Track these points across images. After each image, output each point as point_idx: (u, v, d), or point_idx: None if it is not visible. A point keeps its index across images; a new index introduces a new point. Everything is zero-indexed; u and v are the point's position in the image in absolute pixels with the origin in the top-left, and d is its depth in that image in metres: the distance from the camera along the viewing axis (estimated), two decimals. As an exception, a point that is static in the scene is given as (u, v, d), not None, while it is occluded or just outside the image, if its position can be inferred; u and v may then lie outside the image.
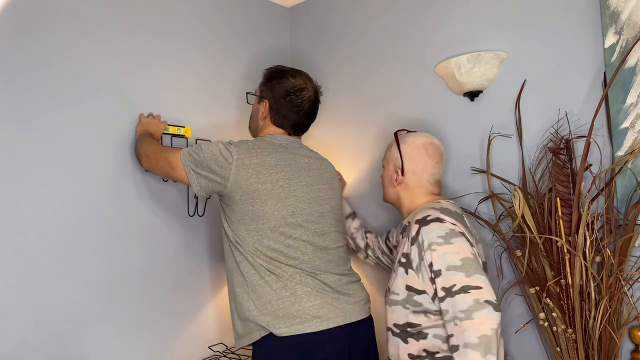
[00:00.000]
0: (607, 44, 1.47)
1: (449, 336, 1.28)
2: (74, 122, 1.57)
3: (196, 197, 1.86)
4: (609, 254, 1.37)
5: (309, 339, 1.40)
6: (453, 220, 1.35)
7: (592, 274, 1.37)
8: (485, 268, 1.43)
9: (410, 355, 1.36)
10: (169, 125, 1.78)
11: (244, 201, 1.45)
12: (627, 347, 1.43)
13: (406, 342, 1.37)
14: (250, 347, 1.49)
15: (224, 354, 1.84)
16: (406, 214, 1.54)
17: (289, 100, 1.56)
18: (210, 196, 1.55)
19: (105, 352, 1.58)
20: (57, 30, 1.55)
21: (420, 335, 1.35)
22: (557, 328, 1.43)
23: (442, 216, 1.35)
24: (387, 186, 1.59)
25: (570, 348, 1.41)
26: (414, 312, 1.35)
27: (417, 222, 1.37)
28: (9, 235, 1.41)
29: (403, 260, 1.40)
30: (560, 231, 1.42)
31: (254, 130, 1.68)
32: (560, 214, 1.42)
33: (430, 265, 1.31)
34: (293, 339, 1.39)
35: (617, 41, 1.45)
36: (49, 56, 1.52)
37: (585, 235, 1.38)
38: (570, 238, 1.41)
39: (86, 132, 1.59)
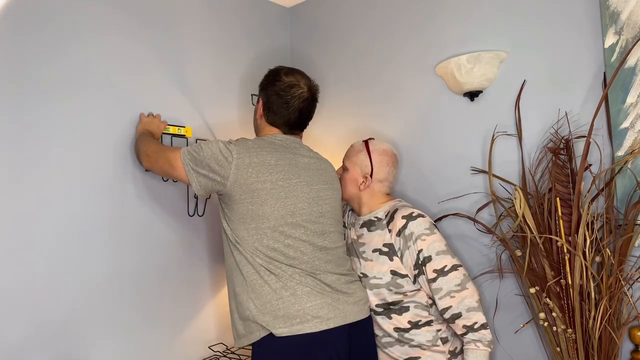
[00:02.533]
0: (607, 44, 1.47)
1: (446, 308, 1.48)
2: (74, 122, 1.57)
3: (196, 197, 1.86)
4: (609, 254, 1.37)
5: (309, 339, 1.40)
6: (428, 217, 1.58)
7: (592, 273, 1.37)
8: None
9: (396, 328, 1.55)
10: (169, 125, 1.78)
11: (243, 200, 1.45)
12: (627, 347, 1.43)
13: (390, 317, 1.56)
14: (250, 347, 1.49)
15: (224, 354, 1.84)
16: (366, 211, 1.67)
17: (279, 97, 1.57)
18: (210, 196, 1.55)
19: (105, 352, 1.58)
20: (56, 30, 1.55)
21: (402, 309, 1.54)
22: (557, 328, 1.43)
23: (422, 213, 1.58)
24: (348, 186, 1.69)
25: (570, 348, 1.41)
26: (395, 292, 1.55)
27: (404, 217, 1.56)
28: (8, 236, 1.41)
29: (385, 249, 1.57)
30: (560, 231, 1.42)
31: (256, 130, 1.69)
32: (560, 214, 1.42)
33: (419, 252, 1.51)
34: (293, 339, 1.39)
35: (617, 41, 1.45)
36: (48, 56, 1.52)
37: (585, 235, 1.38)
38: (570, 238, 1.41)
39: (86, 132, 1.59)
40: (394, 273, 1.55)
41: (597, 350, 1.37)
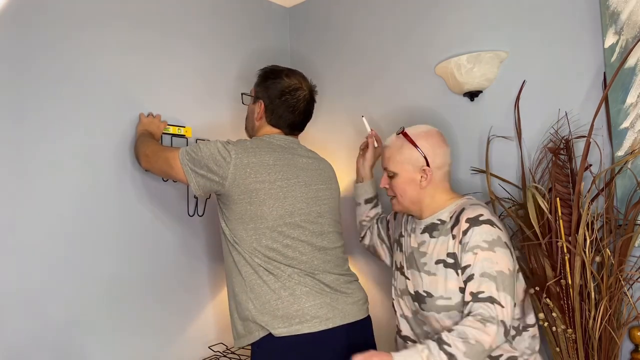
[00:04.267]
0: (607, 44, 1.47)
1: (455, 323, 1.27)
2: (74, 122, 1.57)
3: (196, 197, 1.86)
4: (609, 254, 1.37)
5: (307, 339, 1.40)
6: (500, 225, 1.32)
7: (592, 274, 1.37)
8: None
9: None
10: (169, 125, 1.78)
11: (242, 201, 1.45)
12: (627, 347, 1.43)
13: None
14: (250, 347, 1.49)
15: (224, 354, 1.84)
16: (428, 213, 1.43)
17: (284, 100, 1.56)
18: (210, 196, 1.55)
19: (106, 352, 1.58)
20: (56, 30, 1.55)
21: None
22: (557, 328, 1.43)
23: (492, 219, 1.31)
24: (407, 191, 1.43)
25: (570, 348, 1.41)
26: None
27: (468, 220, 1.31)
28: (8, 236, 1.41)
29: (450, 260, 1.33)
30: (560, 231, 1.42)
31: (250, 131, 1.68)
32: (560, 214, 1.42)
33: (465, 267, 1.29)
34: (292, 339, 1.39)
35: (617, 41, 1.45)
36: (48, 56, 1.52)
37: (585, 235, 1.37)
38: (570, 238, 1.41)
39: (86, 132, 1.59)
40: (462, 291, 1.31)
41: (597, 350, 1.37)
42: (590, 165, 1.49)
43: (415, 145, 1.42)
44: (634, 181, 1.42)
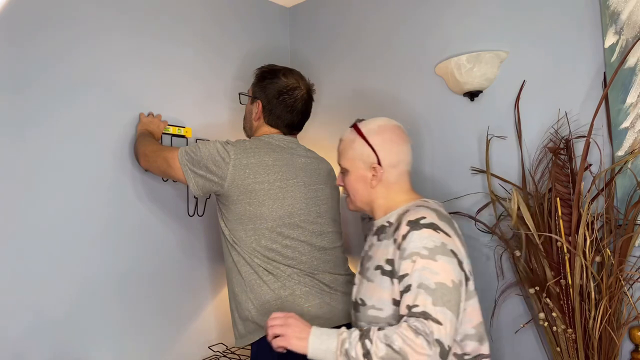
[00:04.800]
0: (607, 44, 1.47)
1: (378, 329, 1.07)
2: (74, 122, 1.57)
3: (196, 197, 1.86)
4: (609, 254, 1.37)
5: (308, 338, 1.40)
6: (448, 230, 1.16)
7: (592, 274, 1.37)
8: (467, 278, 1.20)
9: None
10: (169, 125, 1.78)
11: (241, 201, 1.45)
12: (627, 347, 1.43)
13: None
14: (250, 347, 1.49)
15: (224, 354, 1.84)
16: (380, 214, 1.30)
17: (282, 100, 1.56)
18: (210, 196, 1.55)
19: (106, 352, 1.58)
20: (56, 32, 1.55)
21: None
22: (557, 328, 1.43)
23: (438, 222, 1.15)
24: (358, 190, 1.30)
25: (570, 348, 1.41)
26: None
27: (409, 223, 1.15)
28: (8, 236, 1.41)
29: (387, 267, 1.18)
30: (560, 231, 1.42)
31: (249, 131, 1.68)
32: (560, 214, 1.42)
33: (402, 277, 1.11)
34: (292, 338, 1.39)
35: (617, 41, 1.45)
36: (48, 57, 1.52)
37: (585, 235, 1.37)
38: (570, 238, 1.41)
39: (86, 132, 1.59)
40: (395, 303, 1.15)
41: (597, 350, 1.37)
42: (590, 165, 1.49)
43: (367, 141, 1.28)
44: (634, 181, 1.41)
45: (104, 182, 1.62)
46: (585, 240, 1.38)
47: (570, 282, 1.39)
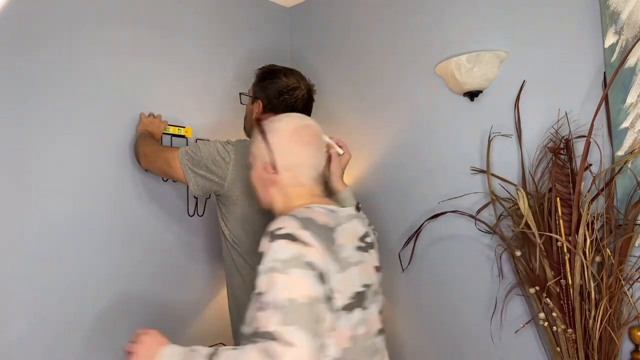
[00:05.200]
0: (607, 44, 1.47)
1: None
2: (74, 122, 1.57)
3: (196, 197, 1.86)
4: (609, 253, 1.37)
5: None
6: (310, 240, 1.00)
7: (592, 273, 1.37)
8: (362, 297, 1.08)
9: None
10: (169, 125, 1.78)
11: (241, 201, 1.45)
12: (627, 347, 1.43)
13: None
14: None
15: (224, 354, 1.84)
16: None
17: (283, 100, 1.56)
18: (210, 196, 1.55)
19: (106, 352, 1.58)
20: (57, 30, 1.55)
21: None
22: (557, 328, 1.43)
23: (298, 232, 1.00)
24: (259, 190, 1.23)
25: (570, 348, 1.41)
26: None
27: (267, 234, 1.03)
28: (7, 235, 1.41)
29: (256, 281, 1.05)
30: (560, 231, 1.42)
31: (249, 131, 1.68)
32: (560, 213, 1.42)
33: (259, 294, 0.97)
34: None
35: (617, 41, 1.45)
36: (48, 56, 1.52)
37: (585, 235, 1.38)
38: (570, 238, 1.41)
39: (86, 132, 1.59)
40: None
41: (597, 350, 1.37)
42: (590, 165, 1.49)
43: (265, 140, 1.18)
44: (634, 181, 1.42)
45: (104, 182, 1.62)
46: (585, 240, 1.38)
47: (570, 282, 1.40)
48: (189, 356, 1.03)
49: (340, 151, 1.44)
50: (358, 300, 1.07)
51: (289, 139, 1.17)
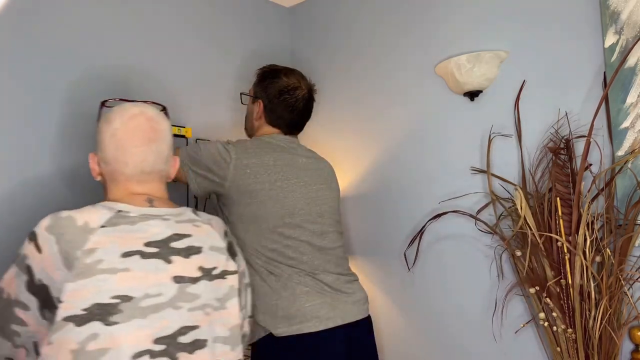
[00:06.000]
0: (607, 44, 1.47)
1: None
2: (74, 122, 1.57)
3: (196, 197, 1.86)
4: (609, 253, 1.37)
5: (308, 339, 1.40)
6: (41, 244, 0.94)
7: (592, 273, 1.37)
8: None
9: None
10: (169, 125, 1.78)
11: (241, 201, 1.45)
12: (627, 347, 1.43)
13: None
14: (250, 347, 1.49)
15: (224, 354, 1.84)
16: None
17: (283, 99, 1.56)
18: (210, 196, 1.55)
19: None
20: (57, 30, 1.55)
21: None
22: (557, 328, 1.43)
23: (39, 232, 0.95)
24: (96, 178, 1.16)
25: (570, 348, 1.41)
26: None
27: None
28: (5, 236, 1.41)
29: None
30: (560, 231, 1.42)
31: (250, 131, 1.69)
32: (560, 213, 1.42)
33: None
34: (292, 339, 1.39)
35: (617, 41, 1.45)
36: (49, 55, 1.52)
37: (585, 235, 1.38)
38: (570, 238, 1.41)
39: (86, 132, 1.59)
40: None
41: (597, 350, 1.37)
42: (591, 165, 1.49)
43: (97, 127, 1.12)
44: (634, 181, 1.42)
45: (104, 182, 1.62)
46: (585, 240, 1.38)
47: (570, 282, 1.40)
48: None
49: None
50: (99, 313, 0.91)
51: (113, 131, 1.08)
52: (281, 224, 1.46)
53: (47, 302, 0.91)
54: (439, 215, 1.77)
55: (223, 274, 1.10)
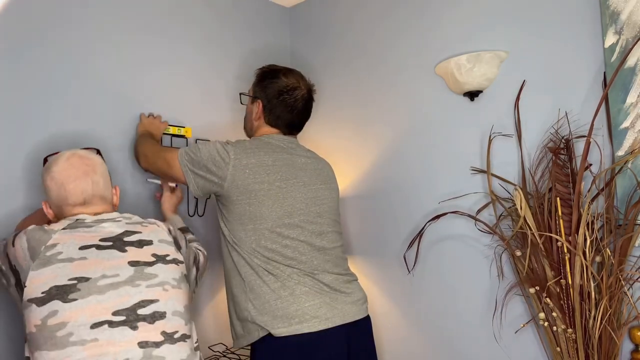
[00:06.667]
0: (607, 44, 1.47)
1: None
2: (74, 121, 1.57)
3: (196, 198, 1.86)
4: (609, 253, 1.37)
5: (307, 339, 1.40)
6: (21, 236, 1.16)
7: (592, 273, 1.37)
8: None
9: None
10: (169, 125, 1.78)
11: (241, 201, 1.45)
12: (627, 347, 1.43)
13: None
14: (249, 347, 1.49)
15: (224, 354, 1.84)
16: None
17: (282, 99, 1.56)
18: (210, 196, 1.55)
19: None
20: (57, 29, 1.55)
21: None
22: (557, 328, 1.43)
23: (20, 234, 1.17)
24: None
25: (570, 348, 1.41)
26: None
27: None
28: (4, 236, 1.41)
29: None
30: (560, 231, 1.42)
31: (249, 131, 1.69)
32: (560, 213, 1.42)
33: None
34: (291, 338, 1.39)
35: (617, 41, 1.45)
36: (49, 57, 1.52)
37: (585, 235, 1.38)
38: (570, 238, 1.41)
39: (86, 132, 1.59)
40: None
41: (597, 350, 1.37)
42: (591, 165, 1.49)
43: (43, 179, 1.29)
44: (634, 181, 1.42)
45: (104, 182, 1.62)
46: (585, 240, 1.38)
47: (570, 282, 1.40)
48: None
49: (174, 184, 1.68)
50: (58, 294, 1.09)
51: (50, 176, 1.25)
52: (280, 224, 1.45)
53: (19, 283, 1.13)
54: (438, 217, 1.77)
55: (175, 261, 1.27)
